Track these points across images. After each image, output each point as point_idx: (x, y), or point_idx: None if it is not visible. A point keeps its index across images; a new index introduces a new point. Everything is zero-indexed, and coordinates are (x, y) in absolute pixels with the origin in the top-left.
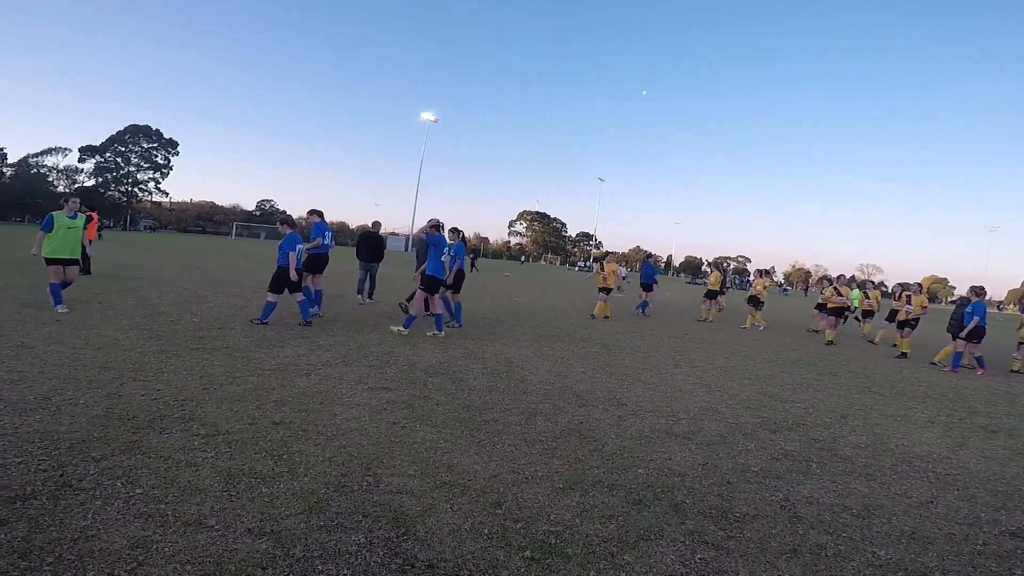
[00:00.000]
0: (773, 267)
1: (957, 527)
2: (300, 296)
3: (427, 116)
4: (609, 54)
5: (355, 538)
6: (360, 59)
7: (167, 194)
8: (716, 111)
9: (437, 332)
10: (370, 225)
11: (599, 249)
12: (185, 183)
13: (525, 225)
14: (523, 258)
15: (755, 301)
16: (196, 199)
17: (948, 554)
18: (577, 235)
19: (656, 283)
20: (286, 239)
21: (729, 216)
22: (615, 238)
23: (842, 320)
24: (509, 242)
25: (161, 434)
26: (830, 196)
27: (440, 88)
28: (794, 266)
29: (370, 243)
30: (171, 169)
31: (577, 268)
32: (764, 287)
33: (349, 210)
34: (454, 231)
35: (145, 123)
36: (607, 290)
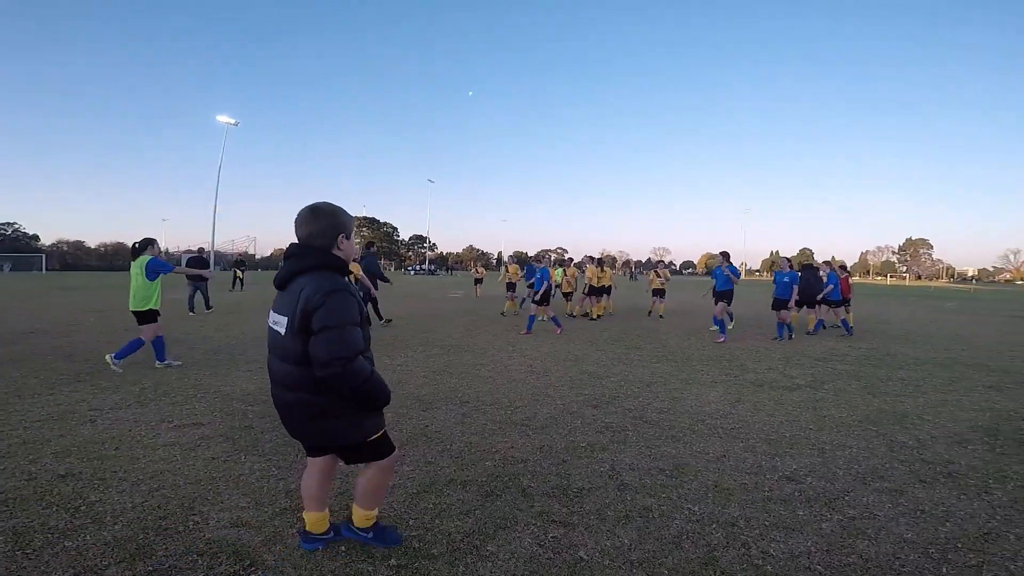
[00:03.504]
0: (591, 255)
1: (747, 477)
2: None
3: (224, 119)
4: (435, 55)
5: None
6: (125, 54)
7: None
8: (533, 110)
9: None
10: (196, 250)
11: (433, 251)
12: None
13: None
14: None
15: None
16: None
17: (746, 503)
18: (410, 238)
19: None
20: None
21: (547, 210)
22: (449, 239)
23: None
24: None
25: None
26: (629, 187)
27: (238, 91)
28: (603, 252)
29: (198, 264)
30: None
31: (413, 272)
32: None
33: (129, 231)
34: None
35: None
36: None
